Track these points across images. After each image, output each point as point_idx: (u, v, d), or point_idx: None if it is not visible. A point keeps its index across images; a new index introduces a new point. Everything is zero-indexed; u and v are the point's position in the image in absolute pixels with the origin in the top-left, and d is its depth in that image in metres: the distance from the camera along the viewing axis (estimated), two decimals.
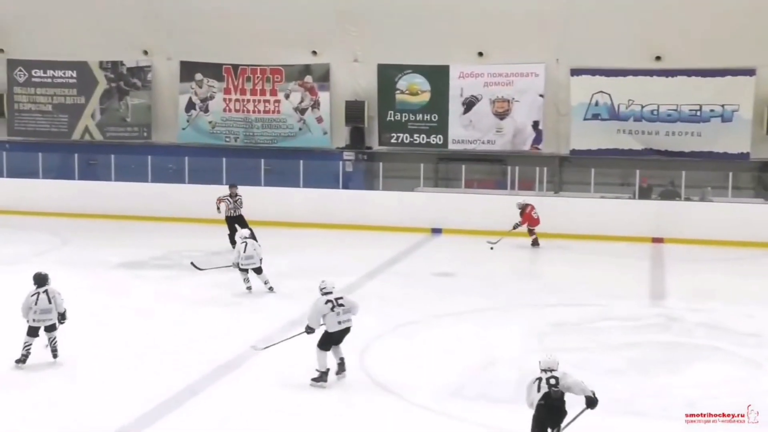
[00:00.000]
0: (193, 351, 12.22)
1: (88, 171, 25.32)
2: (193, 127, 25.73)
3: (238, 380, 11.08)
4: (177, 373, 11.19)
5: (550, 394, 8.09)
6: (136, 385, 10.82)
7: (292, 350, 11.46)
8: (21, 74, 26.47)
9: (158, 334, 13.11)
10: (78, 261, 18.50)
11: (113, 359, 11.88)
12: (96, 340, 12.80)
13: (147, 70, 25.84)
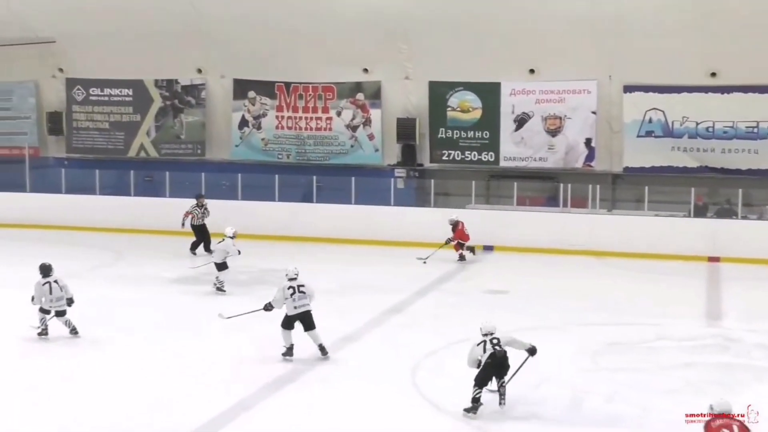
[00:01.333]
0: (243, 367, 12.30)
1: (144, 187, 25.63)
2: (246, 144, 25.95)
3: (286, 397, 11.13)
4: (227, 388, 11.27)
5: (495, 353, 10.11)
6: (185, 400, 10.94)
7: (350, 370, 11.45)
8: (79, 93, 26.94)
9: (208, 350, 13.21)
10: (132, 276, 18.77)
11: (162, 374, 12.02)
12: (145, 354, 13.00)
13: (201, 88, 26.15)
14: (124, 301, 16.42)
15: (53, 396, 11.04)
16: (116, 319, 15.06)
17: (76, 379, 11.73)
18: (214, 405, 10.59)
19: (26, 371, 12.20)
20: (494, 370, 10.24)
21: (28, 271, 18.33)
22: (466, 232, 20.75)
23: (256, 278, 18.60)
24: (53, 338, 13.59)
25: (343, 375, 11.93)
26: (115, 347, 13.29)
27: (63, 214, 24.61)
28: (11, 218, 24.59)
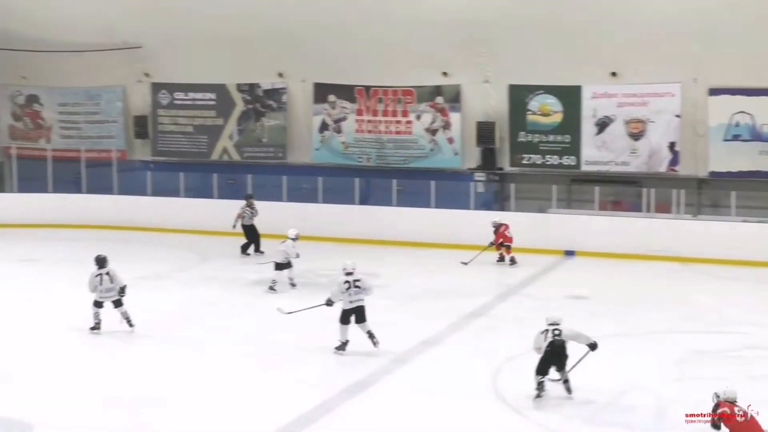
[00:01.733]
0: (327, 368, 12.45)
1: (226, 190, 26.03)
2: (326, 148, 26.17)
3: (367, 399, 11.21)
4: (311, 389, 11.44)
5: (554, 341, 10.83)
6: (272, 400, 11.15)
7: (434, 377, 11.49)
8: (164, 97, 27.51)
9: (287, 350, 13.39)
10: (216, 278, 19.12)
11: (250, 373, 12.23)
12: (230, 354, 13.25)
13: (282, 92, 26.46)
14: (209, 302, 16.76)
15: (146, 396, 11.34)
16: (204, 320, 15.39)
17: (167, 378, 12.02)
18: (298, 405, 10.77)
19: (120, 370, 12.55)
20: (553, 358, 10.94)
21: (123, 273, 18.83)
22: (509, 234, 20.71)
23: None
24: (141, 340, 13.95)
25: (425, 378, 11.99)
26: (203, 347, 13.58)
27: (149, 216, 25.21)
28: (100, 220, 25.26)
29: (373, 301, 16.70)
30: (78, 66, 27.05)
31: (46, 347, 13.66)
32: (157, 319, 15.38)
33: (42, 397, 11.16)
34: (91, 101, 28.38)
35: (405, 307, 16.41)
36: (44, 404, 10.88)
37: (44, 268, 18.17)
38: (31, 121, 29.03)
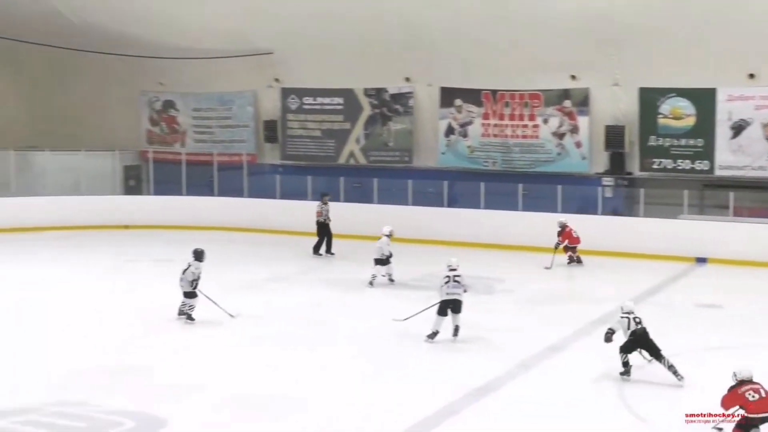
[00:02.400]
0: (451, 369, 12.52)
1: (353, 193, 26.40)
2: (452, 152, 26.25)
3: (497, 402, 11.25)
4: (434, 393, 11.51)
5: (635, 331, 11.72)
6: (390, 401, 11.27)
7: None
8: (293, 102, 28.13)
9: (409, 353, 13.51)
10: (341, 280, 19.44)
11: (364, 374, 12.44)
12: (346, 353, 13.57)
13: (408, 97, 26.68)
14: (333, 305, 17.07)
15: (272, 395, 11.67)
16: (326, 321, 15.70)
17: (290, 378, 12.33)
18: (421, 409, 10.86)
19: (245, 369, 12.93)
20: (638, 344, 11.75)
21: (250, 274, 19.48)
22: (575, 235, 20.67)
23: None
24: (266, 340, 14.35)
25: (549, 385, 11.92)
26: (325, 349, 13.86)
27: (278, 218, 25.82)
28: (231, 222, 26.04)
29: (498, 305, 16.90)
30: (212, 72, 27.98)
31: (179, 345, 14.20)
32: (280, 319, 15.80)
33: (176, 394, 11.61)
34: (223, 106, 29.26)
35: (530, 312, 16.35)
36: (178, 400, 11.30)
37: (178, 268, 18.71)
38: (167, 126, 30.18)
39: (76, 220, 25.50)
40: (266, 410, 10.95)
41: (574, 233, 20.72)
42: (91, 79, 29.45)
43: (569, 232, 20.72)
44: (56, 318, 15.68)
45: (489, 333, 14.73)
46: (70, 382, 11.99)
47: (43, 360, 13.11)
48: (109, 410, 10.79)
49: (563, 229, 20.76)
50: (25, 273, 19.91)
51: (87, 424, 10.42)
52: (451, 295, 13.98)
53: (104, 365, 12.78)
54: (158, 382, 12.14)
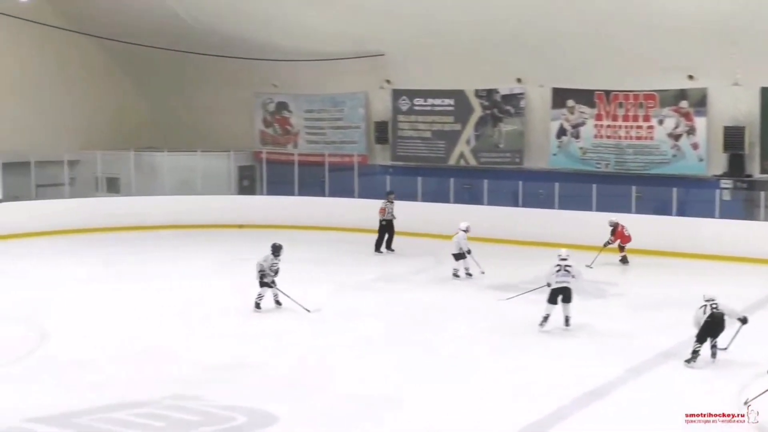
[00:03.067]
0: (560, 373, 12.41)
1: (463, 195, 26.42)
2: (564, 153, 25.95)
3: (608, 408, 11.13)
4: (543, 395, 11.49)
5: (713, 314, 12.51)
6: (498, 404, 11.29)
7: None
8: (404, 103, 28.28)
9: (519, 356, 13.46)
10: (449, 281, 19.53)
11: (472, 376, 12.43)
12: (456, 353, 13.57)
13: (520, 97, 26.49)
14: (439, 305, 17.13)
15: (383, 395, 11.82)
16: (437, 321, 15.78)
17: (403, 378, 12.45)
18: (529, 413, 10.84)
19: (357, 370, 13.12)
20: (711, 328, 12.59)
21: (362, 275, 19.70)
22: (627, 234, 21.09)
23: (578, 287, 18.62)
24: (377, 341, 14.51)
25: (664, 392, 11.69)
26: (436, 350, 13.94)
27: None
28: (342, 222, 26.39)
29: (610, 309, 16.65)
30: (324, 74, 28.37)
31: (293, 343, 14.49)
32: (392, 319, 15.96)
33: (288, 391, 11.87)
34: (335, 107, 29.63)
35: (643, 317, 16.06)
36: (290, 398, 11.54)
37: (287, 267, 19.17)
38: (280, 127, 30.74)
39: (191, 220, 26.30)
40: (377, 410, 11.07)
41: (626, 232, 20.99)
42: (208, 82, 30.24)
43: (621, 231, 21.04)
44: (172, 314, 16.19)
45: (600, 337, 14.60)
46: (187, 376, 12.38)
47: (160, 354, 13.60)
48: (223, 405, 11.11)
49: (615, 228, 21.15)
50: (144, 271, 20.66)
51: (200, 418, 10.74)
52: (561, 284, 14.68)
53: (219, 361, 13.15)
54: (272, 379, 12.43)
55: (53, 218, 25.47)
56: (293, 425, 10.59)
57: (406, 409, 11.14)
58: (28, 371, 12.77)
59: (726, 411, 10.27)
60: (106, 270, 20.49)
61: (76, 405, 11.05)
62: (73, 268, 20.72)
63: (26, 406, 10.99)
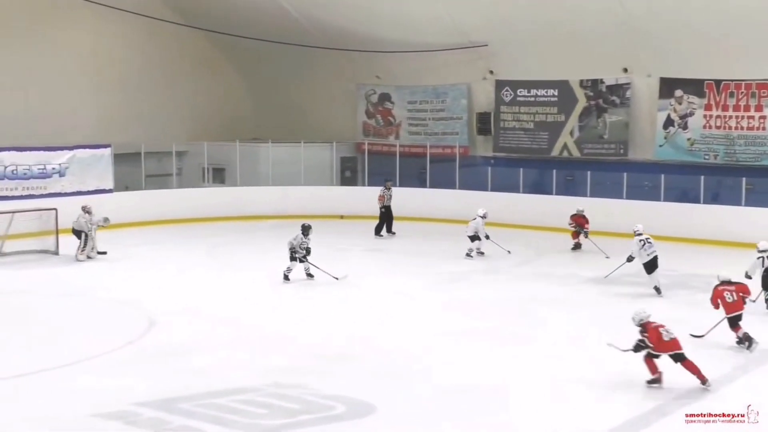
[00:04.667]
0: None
1: (565, 186, 26.08)
2: (671, 144, 25.31)
3: (713, 407, 10.75)
4: (645, 394, 11.24)
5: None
6: (596, 399, 11.11)
7: None
8: (507, 94, 28.02)
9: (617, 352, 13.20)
10: (549, 273, 19.29)
11: (574, 370, 12.23)
12: (558, 349, 13.32)
13: (626, 88, 25.95)
14: (541, 299, 16.94)
15: (485, 385, 11.76)
16: (537, 315, 15.62)
17: (502, 371, 12.35)
18: (629, 409, 10.66)
19: (457, 362, 13.07)
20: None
21: (463, 266, 19.68)
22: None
23: (677, 282, 18.21)
24: (475, 333, 14.42)
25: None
26: (534, 343, 13.80)
27: (489, 211, 25.75)
28: (442, 214, 26.35)
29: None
30: (426, 65, 28.37)
31: (390, 334, 14.53)
32: (490, 312, 15.87)
33: (387, 382, 11.92)
34: (437, 99, 29.57)
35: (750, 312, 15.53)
36: (389, 389, 11.59)
37: (387, 258, 19.27)
38: (382, 118, 30.87)
39: (294, 210, 26.61)
40: (471, 404, 11.03)
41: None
42: (311, 74, 30.57)
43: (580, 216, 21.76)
44: (274, 304, 16.44)
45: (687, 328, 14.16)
46: (288, 365, 12.56)
47: (262, 343, 13.83)
48: (323, 394, 11.22)
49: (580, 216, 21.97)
50: (247, 260, 21.04)
51: (301, 406, 10.87)
52: (652, 254, 16.75)
53: (320, 351, 13.30)
54: (372, 369, 12.50)
55: (161, 208, 26.17)
56: (392, 416, 10.63)
57: (509, 401, 11.09)
58: (135, 357, 13.15)
59: (726, 411, 10.15)
60: (210, 259, 20.91)
61: (179, 390, 11.33)
62: (179, 257, 21.27)
63: (134, 390, 11.32)
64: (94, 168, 25.75)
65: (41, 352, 13.24)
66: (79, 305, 16.69)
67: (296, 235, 18.09)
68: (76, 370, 12.49)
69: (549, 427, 10.21)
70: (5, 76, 26.33)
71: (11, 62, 26.53)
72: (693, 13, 22.99)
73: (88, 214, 20.78)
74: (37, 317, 15.67)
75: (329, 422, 10.39)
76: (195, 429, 10.07)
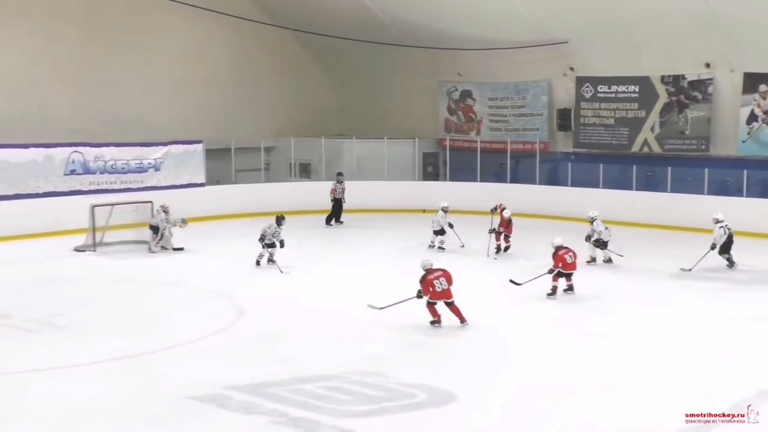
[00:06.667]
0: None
1: (645, 182, 25.76)
2: (754, 140, 24.75)
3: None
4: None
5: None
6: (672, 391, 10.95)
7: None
8: (587, 90, 27.78)
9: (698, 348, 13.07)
10: (632, 269, 19.09)
11: (646, 362, 12.16)
12: (639, 343, 13.21)
13: (708, 83, 25.46)
14: (620, 293, 16.84)
15: (553, 385, 11.80)
16: (614, 311, 15.57)
17: (576, 372, 12.40)
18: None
19: (524, 358, 13.13)
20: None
21: (539, 259, 19.57)
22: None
23: (756, 277, 17.93)
24: (560, 329, 14.41)
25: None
26: (614, 337, 13.77)
27: (568, 206, 25.70)
28: (523, 208, 26.18)
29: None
30: (507, 62, 28.28)
31: (471, 327, 14.62)
32: (570, 306, 15.86)
33: (469, 372, 12.05)
34: (518, 95, 29.46)
35: None
36: (469, 379, 11.73)
37: (457, 252, 19.18)
38: (463, 115, 30.89)
39: (377, 204, 26.90)
40: (553, 397, 11.08)
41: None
42: (395, 71, 30.77)
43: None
44: (357, 295, 16.51)
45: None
46: (371, 354, 12.80)
47: (346, 332, 14.11)
48: (405, 383, 11.40)
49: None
50: (332, 252, 21.41)
51: (384, 393, 11.08)
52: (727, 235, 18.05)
53: (402, 341, 13.54)
54: (453, 360, 12.67)
55: (250, 201, 26.69)
56: (470, 405, 10.76)
57: (585, 397, 11.09)
58: (226, 344, 13.55)
59: (726, 411, 9.87)
60: (298, 251, 21.29)
61: (268, 376, 11.66)
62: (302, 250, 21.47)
63: (225, 375, 11.69)
64: (187, 163, 26.48)
65: (141, 337, 13.73)
66: (174, 293, 17.26)
67: (270, 224, 19.33)
68: (173, 354, 12.97)
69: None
70: (105, 77, 27.24)
71: (110, 63, 27.41)
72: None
73: (165, 213, 21.37)
74: (136, 304, 16.26)
75: (411, 410, 10.56)
76: (283, 413, 10.34)
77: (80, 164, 24.55)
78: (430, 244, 21.62)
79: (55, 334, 14.04)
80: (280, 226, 19.42)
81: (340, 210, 25.98)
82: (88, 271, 19.33)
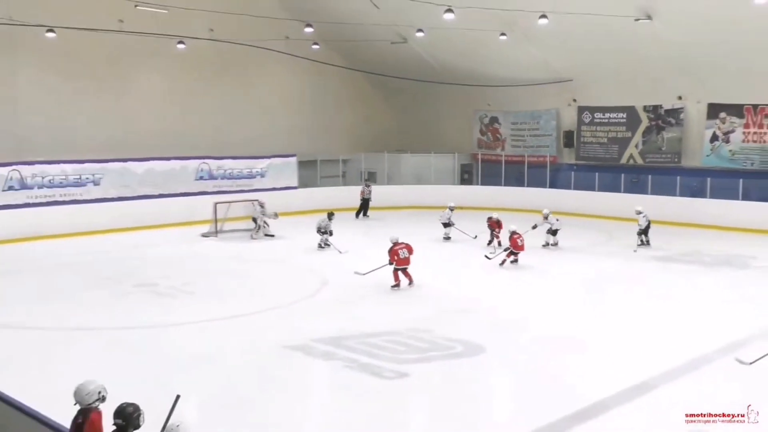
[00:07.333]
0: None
1: (631, 187, 25.27)
2: (716, 155, 24.09)
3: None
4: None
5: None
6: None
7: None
8: (587, 116, 27.29)
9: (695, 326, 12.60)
10: (620, 254, 18.66)
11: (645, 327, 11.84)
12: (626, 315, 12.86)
13: (680, 111, 24.84)
14: (611, 274, 16.49)
15: (569, 336, 11.54)
16: (608, 284, 15.24)
17: (592, 329, 12.13)
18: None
19: (544, 316, 12.88)
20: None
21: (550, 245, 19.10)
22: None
23: (722, 260, 17.41)
24: (557, 300, 14.13)
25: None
26: (610, 302, 13.49)
27: (572, 205, 25.33)
28: (536, 206, 25.79)
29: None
30: (525, 95, 27.88)
31: (501, 294, 14.45)
32: (576, 282, 15.59)
33: (496, 329, 11.91)
34: (533, 120, 29.05)
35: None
36: (497, 335, 11.61)
37: (481, 243, 19.02)
38: (491, 135, 30.56)
39: (426, 202, 26.73)
40: (565, 349, 10.88)
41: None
42: (440, 102, 30.57)
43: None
44: (411, 270, 16.46)
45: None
46: (422, 315, 12.73)
47: (404, 299, 14.03)
48: (447, 338, 11.35)
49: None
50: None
51: (430, 346, 11.05)
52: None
53: (448, 306, 13.42)
54: (484, 320, 12.54)
55: (331, 200, 26.64)
56: (496, 354, 10.67)
57: (592, 351, 10.91)
58: (312, 306, 13.62)
59: (726, 411, 7.99)
60: (365, 238, 21.22)
61: (343, 331, 11.68)
62: (344, 237, 21.35)
63: (311, 330, 11.74)
64: (284, 171, 26.60)
65: (249, 301, 13.87)
66: (273, 268, 17.36)
67: (323, 218, 19.11)
68: (272, 314, 13.07)
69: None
70: (228, 108, 27.52)
71: (230, 98, 27.69)
72: (735, 54, 21.72)
73: (261, 207, 21.46)
74: (248, 276, 16.42)
75: (451, 358, 10.52)
76: (354, 360, 10.37)
77: (206, 172, 24.88)
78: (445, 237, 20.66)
79: (187, 297, 14.24)
80: (331, 219, 19.22)
81: (367, 207, 25.50)
82: (212, 251, 19.57)
